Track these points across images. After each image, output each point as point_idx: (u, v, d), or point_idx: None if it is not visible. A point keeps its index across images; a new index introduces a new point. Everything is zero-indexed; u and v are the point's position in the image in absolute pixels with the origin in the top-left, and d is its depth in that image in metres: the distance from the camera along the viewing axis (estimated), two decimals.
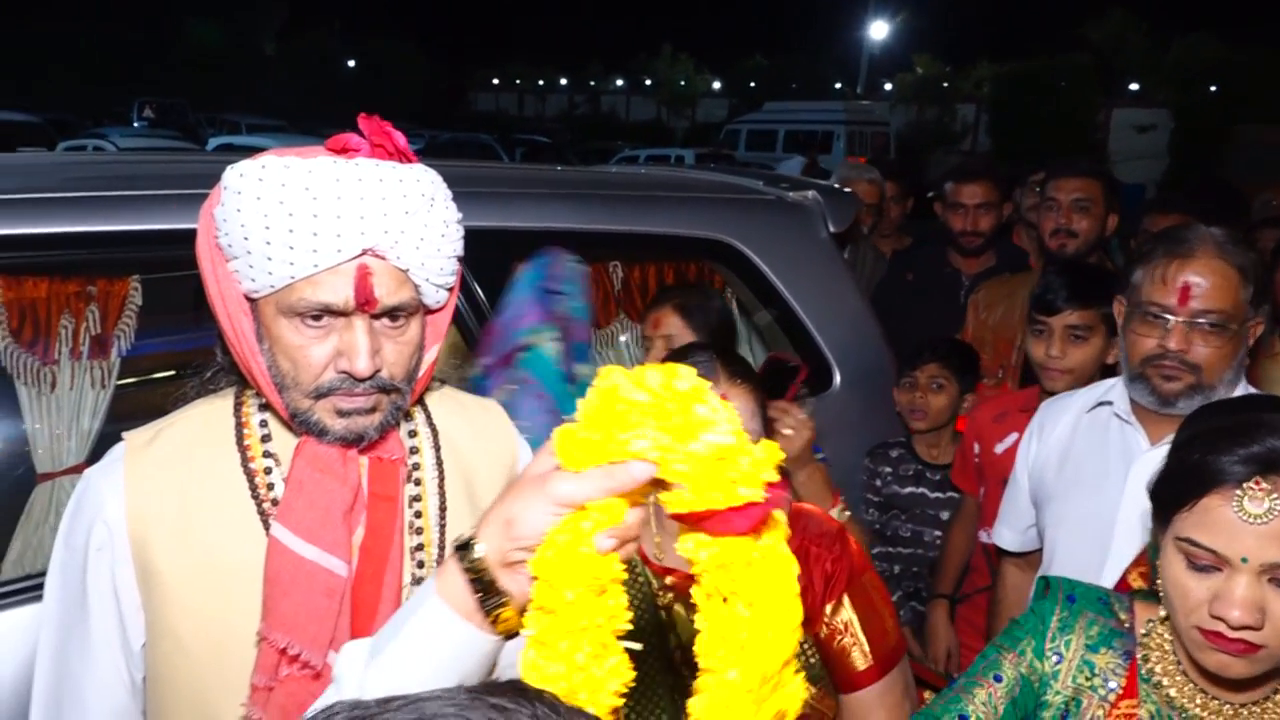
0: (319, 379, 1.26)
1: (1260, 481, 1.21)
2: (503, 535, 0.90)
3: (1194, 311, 1.90)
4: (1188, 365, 1.92)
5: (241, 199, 1.19)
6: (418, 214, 1.23)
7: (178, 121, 26.95)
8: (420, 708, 0.58)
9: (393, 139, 1.27)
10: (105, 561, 1.30)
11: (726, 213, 2.93)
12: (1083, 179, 3.45)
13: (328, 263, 1.19)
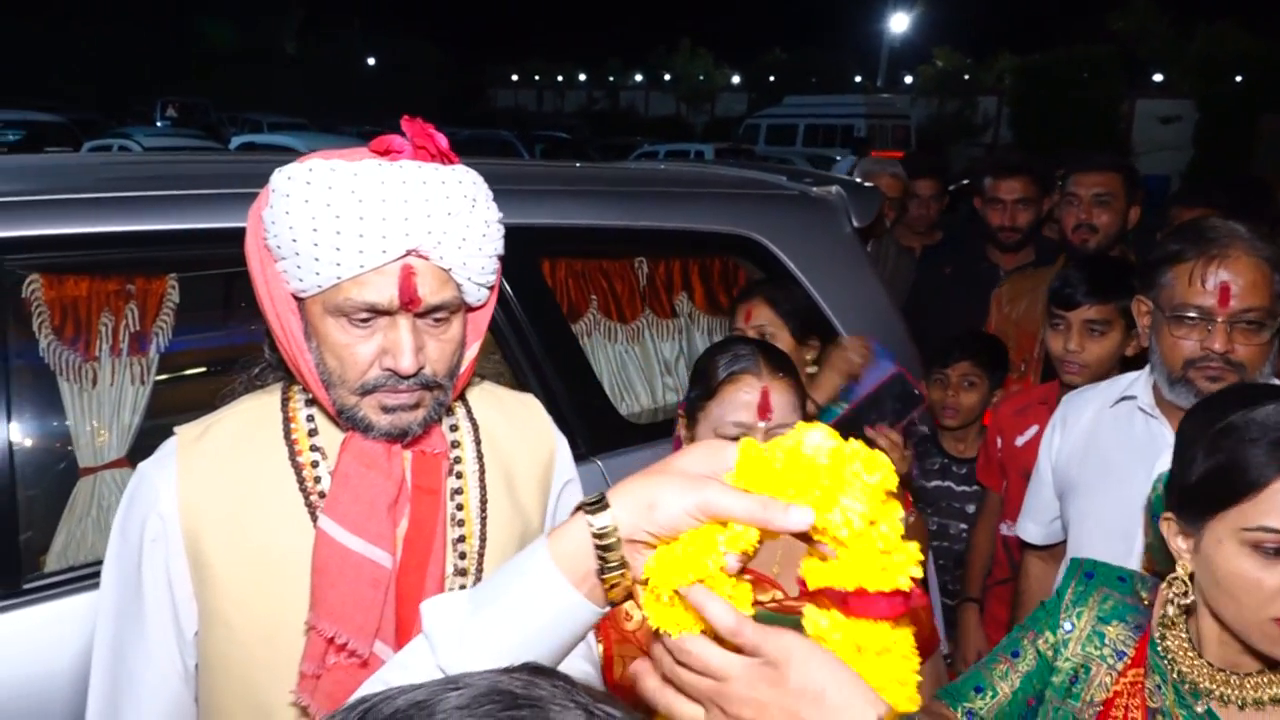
0: (365, 376, 1.30)
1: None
2: (641, 513, 0.88)
3: (1234, 311, 1.90)
4: (1232, 365, 1.92)
5: (290, 201, 1.23)
6: (460, 214, 1.27)
7: (200, 120, 27.10)
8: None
9: (435, 140, 1.30)
10: (159, 552, 1.35)
11: (750, 208, 2.95)
12: (1103, 173, 3.45)
13: (373, 263, 1.23)
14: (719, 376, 1.79)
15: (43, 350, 2.01)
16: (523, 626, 0.90)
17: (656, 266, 2.85)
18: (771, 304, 2.55)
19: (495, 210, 1.34)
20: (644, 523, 0.88)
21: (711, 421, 1.78)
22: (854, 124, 25.61)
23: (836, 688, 0.83)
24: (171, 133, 20.39)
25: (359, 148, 1.33)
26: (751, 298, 2.58)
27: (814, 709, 0.82)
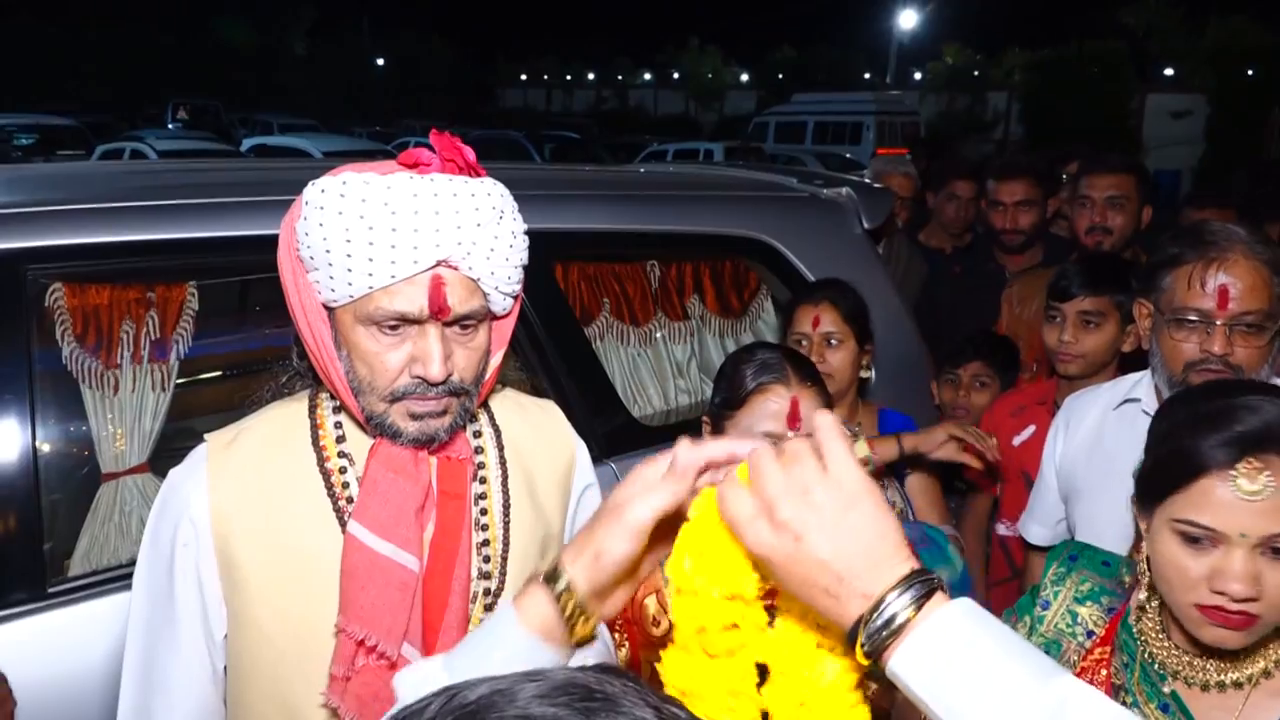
0: (394, 384, 1.33)
1: (1252, 460, 1.26)
2: (593, 568, 0.97)
3: (1233, 314, 1.91)
4: (1231, 367, 1.93)
5: (324, 214, 1.26)
6: (488, 226, 1.30)
7: (211, 123, 27.23)
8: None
9: (463, 154, 1.34)
10: (190, 557, 1.38)
11: (761, 210, 2.97)
12: (1116, 175, 3.46)
13: (404, 274, 1.26)
14: (748, 386, 1.80)
15: (65, 358, 2.04)
16: (484, 663, 0.95)
17: (668, 269, 2.88)
18: (838, 308, 2.52)
19: (521, 222, 1.38)
20: (597, 575, 0.96)
21: (740, 431, 1.80)
22: (863, 121, 25.56)
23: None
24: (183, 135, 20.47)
25: (388, 161, 1.36)
26: (818, 302, 2.52)
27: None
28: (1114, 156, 3.64)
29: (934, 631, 0.81)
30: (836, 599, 0.84)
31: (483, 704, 0.62)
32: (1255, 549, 1.27)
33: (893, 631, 0.81)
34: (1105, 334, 2.60)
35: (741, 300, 3.00)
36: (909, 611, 0.81)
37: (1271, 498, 1.25)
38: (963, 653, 0.81)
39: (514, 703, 0.62)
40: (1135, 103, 26.66)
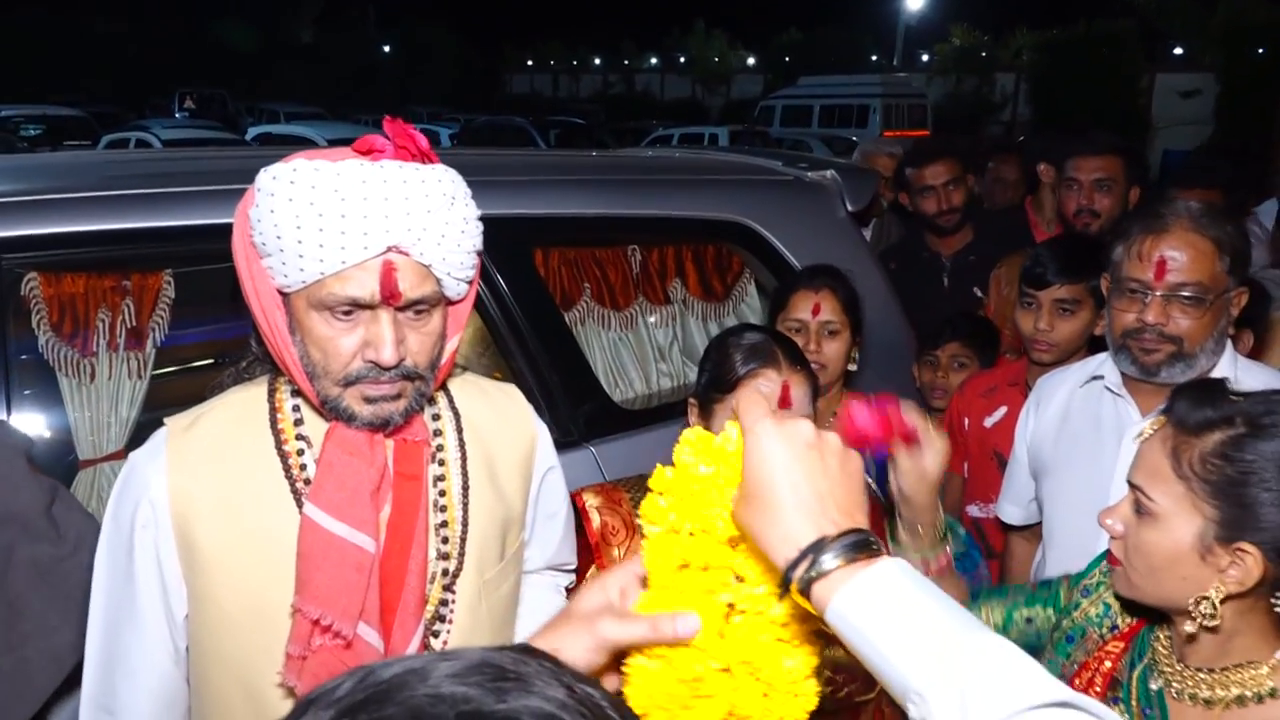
0: (348, 368, 1.34)
1: (1158, 420, 1.38)
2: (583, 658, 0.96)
3: (1171, 285, 1.95)
4: (1166, 337, 1.97)
5: (274, 200, 1.27)
6: (439, 212, 1.31)
7: (218, 112, 27.27)
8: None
9: (415, 141, 1.36)
10: (149, 538, 1.41)
11: (743, 194, 2.97)
12: (1103, 157, 3.46)
13: (355, 259, 1.27)
14: (738, 371, 1.80)
15: (42, 346, 2.06)
16: None
17: (649, 254, 2.88)
18: (838, 297, 2.49)
19: (474, 208, 1.39)
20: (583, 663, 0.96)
21: (730, 415, 1.80)
22: (869, 104, 25.44)
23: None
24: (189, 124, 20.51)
25: (342, 148, 1.38)
26: (819, 289, 2.48)
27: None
28: (1101, 138, 3.63)
29: (874, 579, 0.87)
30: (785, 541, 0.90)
31: (395, 683, 0.63)
32: (1132, 499, 1.37)
33: (822, 572, 0.87)
34: (1080, 320, 2.60)
35: (725, 284, 3.01)
36: (839, 560, 0.87)
37: (1141, 444, 1.37)
38: (900, 599, 0.86)
39: (426, 681, 0.62)
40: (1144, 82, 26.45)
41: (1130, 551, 1.37)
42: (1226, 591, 1.28)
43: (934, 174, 3.85)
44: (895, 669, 0.84)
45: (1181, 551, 1.31)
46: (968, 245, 3.92)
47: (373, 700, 0.61)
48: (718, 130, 21.65)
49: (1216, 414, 1.30)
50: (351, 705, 0.61)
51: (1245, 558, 1.27)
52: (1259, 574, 1.27)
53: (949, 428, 2.89)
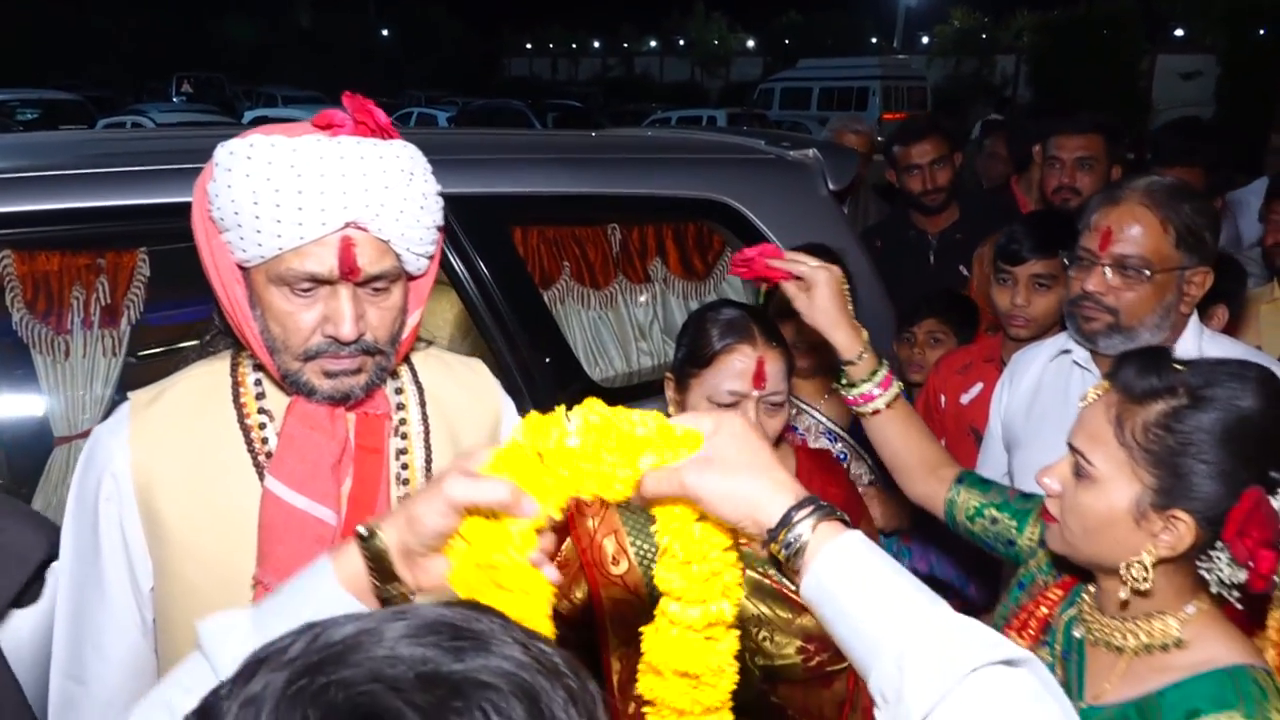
0: (307, 343, 1.35)
1: (1103, 384, 1.41)
2: (405, 531, 1.00)
3: (1115, 256, 1.97)
4: (1104, 307, 1.99)
5: (231, 176, 1.28)
6: (397, 188, 1.32)
7: (215, 96, 27.22)
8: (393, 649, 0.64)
9: (374, 116, 1.35)
10: (113, 511, 1.42)
11: (723, 173, 2.97)
12: (1085, 136, 3.46)
13: (313, 235, 1.28)
14: (714, 346, 1.81)
15: (16, 324, 2.07)
16: (298, 611, 0.96)
17: (629, 232, 2.88)
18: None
19: (434, 183, 1.39)
20: (410, 539, 0.99)
21: (705, 389, 1.81)
22: (869, 86, 25.37)
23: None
24: (186, 108, 20.47)
25: (302, 123, 1.38)
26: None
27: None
28: (1083, 116, 3.62)
29: (842, 549, 0.94)
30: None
31: (350, 643, 0.63)
32: (1071, 460, 1.41)
33: (801, 540, 0.94)
34: (1056, 295, 2.60)
35: (705, 262, 3.01)
36: (812, 525, 0.95)
37: (1084, 408, 1.41)
38: (867, 570, 0.94)
39: (381, 643, 0.63)
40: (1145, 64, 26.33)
41: (1066, 511, 1.40)
42: (1158, 556, 1.32)
43: (920, 152, 3.85)
44: (863, 638, 0.91)
45: (1117, 515, 1.34)
46: (954, 224, 3.93)
47: (328, 661, 0.62)
48: (716, 113, 21.61)
49: (1160, 384, 1.33)
50: (307, 666, 0.62)
51: (1178, 524, 1.31)
52: (1190, 540, 1.31)
53: (926, 405, 2.91)
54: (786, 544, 0.94)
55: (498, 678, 0.62)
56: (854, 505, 1.95)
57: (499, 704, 0.60)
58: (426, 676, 0.60)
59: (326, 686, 0.60)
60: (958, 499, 1.85)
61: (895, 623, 0.88)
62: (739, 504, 0.95)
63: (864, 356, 1.86)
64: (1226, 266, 2.84)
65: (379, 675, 0.60)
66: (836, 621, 0.93)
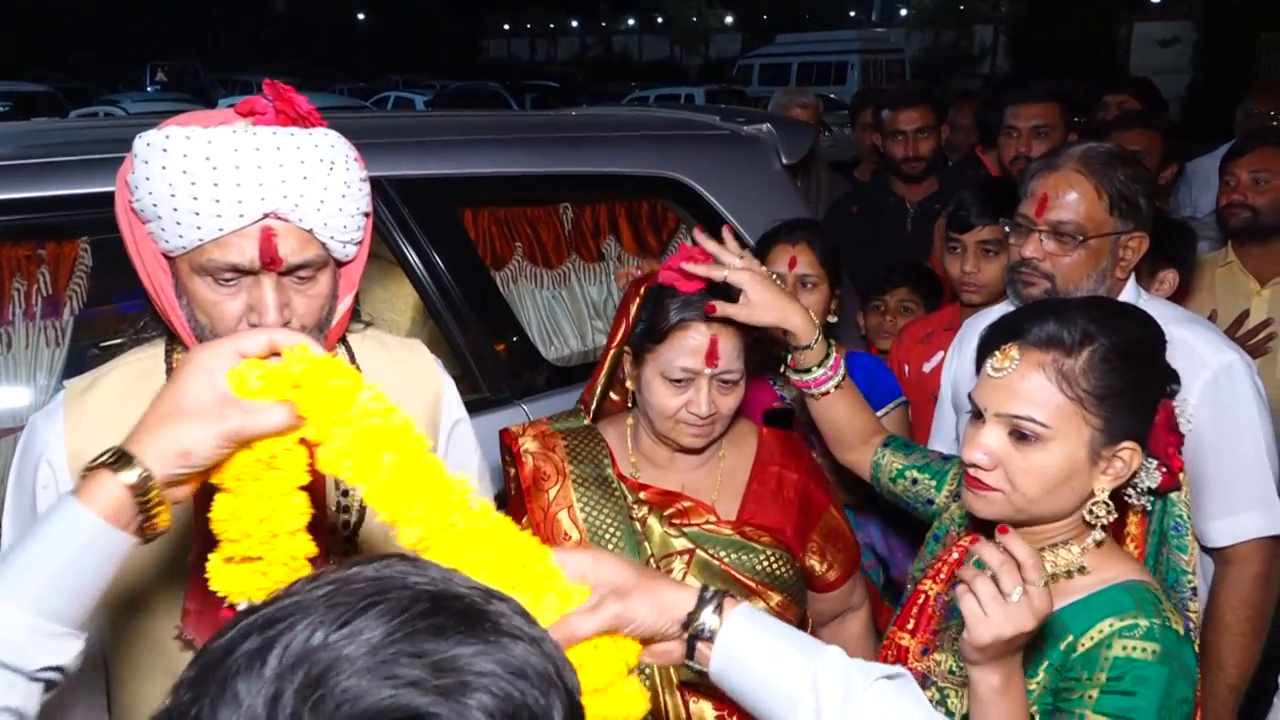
0: (233, 332, 1.35)
1: (1009, 349, 1.44)
2: (174, 462, 1.01)
3: (1049, 222, 1.99)
4: (1041, 273, 2.01)
5: (149, 168, 1.28)
6: (316, 178, 1.32)
7: (191, 84, 27.00)
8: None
9: (295, 104, 1.35)
10: (51, 498, 1.42)
11: (676, 149, 2.98)
12: (1040, 104, 3.49)
13: (231, 226, 1.28)
14: (669, 321, 1.81)
15: None
16: (74, 571, 0.99)
17: (582, 211, 2.89)
18: (814, 249, 2.49)
19: (357, 171, 1.39)
20: (178, 468, 1.01)
21: (659, 364, 1.82)
22: (848, 60, 25.29)
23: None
24: (160, 98, 20.31)
25: (224, 110, 1.38)
26: (795, 242, 2.49)
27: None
28: (1039, 85, 3.65)
29: (734, 634, 1.09)
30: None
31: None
32: (1004, 430, 1.43)
33: (709, 633, 1.09)
34: (1005, 261, 2.62)
35: (660, 240, 3.02)
36: (714, 619, 1.09)
37: (1007, 376, 1.42)
38: (757, 646, 1.08)
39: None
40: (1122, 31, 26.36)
41: (1016, 477, 1.43)
42: (1111, 488, 1.42)
43: (907, 119, 3.89)
44: (771, 696, 1.06)
45: (1077, 464, 1.41)
46: (933, 194, 3.96)
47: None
48: (695, 90, 21.54)
49: (1080, 330, 1.41)
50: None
51: (1125, 453, 1.42)
52: (1136, 465, 1.43)
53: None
54: (702, 629, 1.09)
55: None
56: (814, 484, 1.96)
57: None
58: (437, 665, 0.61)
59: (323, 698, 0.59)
60: (882, 462, 1.93)
61: (800, 665, 1.05)
62: (659, 609, 1.08)
63: (818, 340, 1.87)
64: (1177, 231, 2.87)
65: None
66: (745, 688, 1.08)
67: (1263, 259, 3.08)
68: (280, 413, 1.02)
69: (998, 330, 1.49)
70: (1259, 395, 2.06)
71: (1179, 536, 1.69)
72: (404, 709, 0.59)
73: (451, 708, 0.60)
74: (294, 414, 1.02)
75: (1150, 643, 1.34)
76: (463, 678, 0.61)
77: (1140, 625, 1.36)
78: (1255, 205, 3.01)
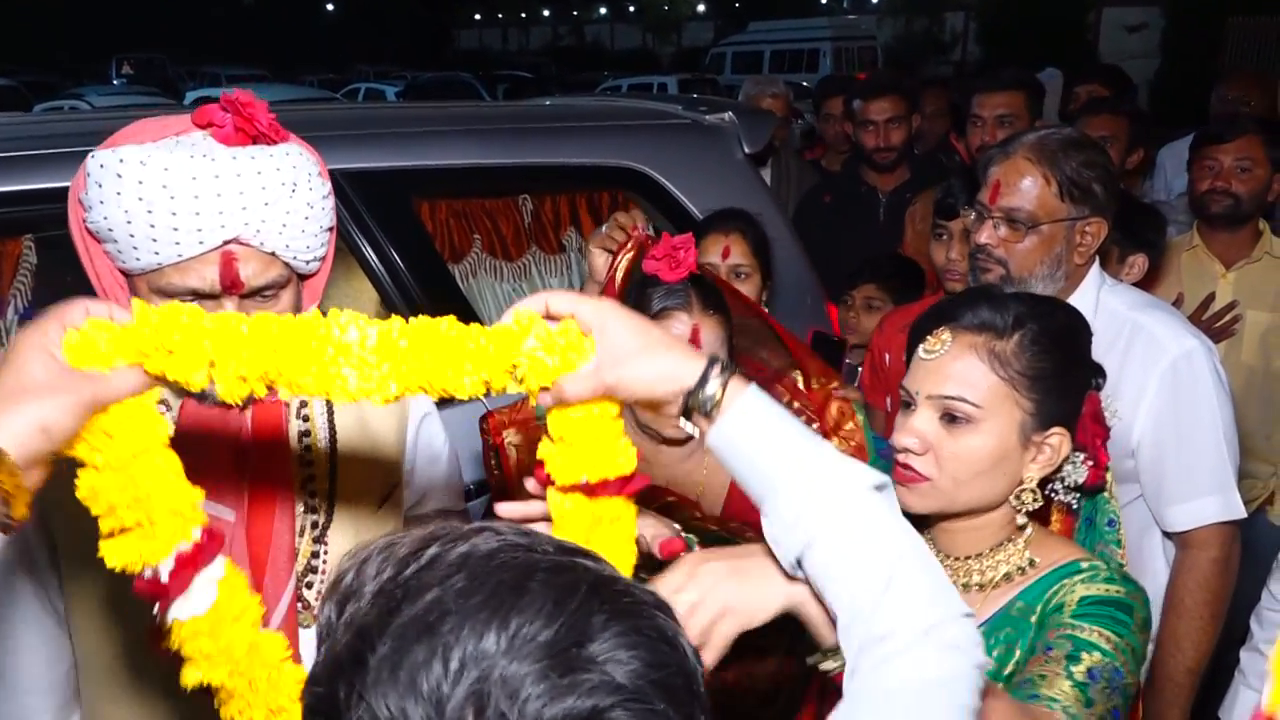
0: None
1: (941, 333, 1.44)
2: (37, 439, 0.97)
3: (1001, 208, 2.01)
4: (995, 259, 2.02)
5: (103, 191, 1.23)
6: (279, 202, 1.28)
7: (157, 77, 26.68)
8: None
9: (255, 120, 1.29)
10: None
11: (636, 139, 2.95)
12: (1005, 93, 3.50)
13: (191, 253, 1.25)
14: (651, 310, 1.81)
15: None
16: None
17: (542, 203, 2.86)
18: (747, 240, 2.49)
19: (321, 188, 1.35)
20: (39, 447, 0.97)
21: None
22: (820, 47, 25.33)
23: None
24: (125, 91, 20.06)
25: (182, 117, 1.33)
26: (728, 232, 2.49)
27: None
28: (1006, 73, 3.66)
29: (747, 405, 1.06)
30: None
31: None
32: (936, 413, 1.41)
33: (713, 398, 1.06)
34: None
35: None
36: (720, 385, 1.06)
37: (939, 358, 1.41)
38: (765, 420, 1.07)
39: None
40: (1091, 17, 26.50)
41: (947, 461, 1.40)
42: (1040, 476, 1.42)
43: (878, 109, 3.89)
44: (762, 474, 1.06)
45: (1009, 448, 1.40)
46: (905, 183, 3.97)
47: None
48: (667, 79, 21.48)
49: (1015, 313, 1.41)
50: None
51: (1054, 439, 1.42)
52: (1065, 452, 1.42)
53: (872, 364, 2.93)
54: (703, 401, 1.05)
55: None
56: None
57: None
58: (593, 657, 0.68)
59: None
60: None
61: (789, 459, 1.05)
62: (659, 379, 1.06)
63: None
64: (1146, 216, 2.88)
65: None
66: (739, 462, 1.08)
67: (1228, 243, 3.10)
68: (132, 375, 1.01)
69: (929, 316, 1.49)
70: (1219, 381, 2.07)
71: (1113, 531, 1.67)
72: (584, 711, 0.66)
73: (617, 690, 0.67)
74: (146, 375, 1.01)
75: (1113, 585, 1.35)
76: (618, 658, 0.68)
77: (1100, 570, 1.37)
78: (1237, 193, 3.02)
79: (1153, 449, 2.05)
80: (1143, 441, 2.06)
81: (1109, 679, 1.26)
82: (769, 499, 1.05)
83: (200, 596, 1.09)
